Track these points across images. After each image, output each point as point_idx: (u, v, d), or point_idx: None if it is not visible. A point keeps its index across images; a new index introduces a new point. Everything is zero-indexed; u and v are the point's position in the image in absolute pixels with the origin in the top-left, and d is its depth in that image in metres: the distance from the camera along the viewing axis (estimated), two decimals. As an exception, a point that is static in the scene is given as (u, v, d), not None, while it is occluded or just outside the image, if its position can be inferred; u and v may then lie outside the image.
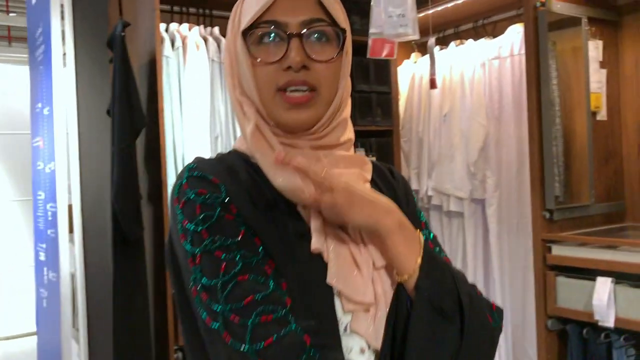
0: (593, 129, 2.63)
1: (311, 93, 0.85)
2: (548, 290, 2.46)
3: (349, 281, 0.82)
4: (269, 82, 0.85)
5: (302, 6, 0.85)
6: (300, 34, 0.84)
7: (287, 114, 0.85)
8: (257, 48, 0.86)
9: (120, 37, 1.96)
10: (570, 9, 2.53)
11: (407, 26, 1.38)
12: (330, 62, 0.86)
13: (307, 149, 0.88)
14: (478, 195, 2.89)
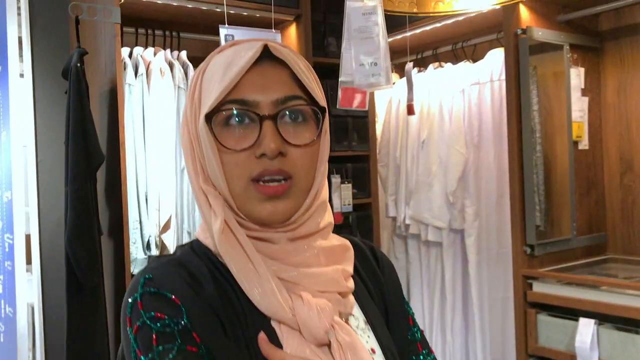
0: (575, 159, 2.56)
1: (287, 182, 0.75)
2: (529, 328, 2.37)
3: None
4: (241, 172, 0.74)
5: (275, 82, 0.75)
6: (274, 115, 0.74)
7: (262, 206, 0.75)
8: (224, 132, 0.75)
9: (76, 68, 1.82)
10: (552, 36, 2.45)
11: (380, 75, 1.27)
12: (309, 146, 0.76)
13: (283, 242, 0.77)
14: (457, 225, 2.79)
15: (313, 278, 0.76)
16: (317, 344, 0.73)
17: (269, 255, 0.76)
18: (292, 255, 0.77)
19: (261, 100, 0.74)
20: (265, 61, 0.76)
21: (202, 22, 2.56)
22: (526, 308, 2.38)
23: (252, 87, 0.74)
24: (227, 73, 0.74)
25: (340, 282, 0.78)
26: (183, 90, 2.36)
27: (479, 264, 2.77)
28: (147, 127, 2.26)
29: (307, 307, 0.73)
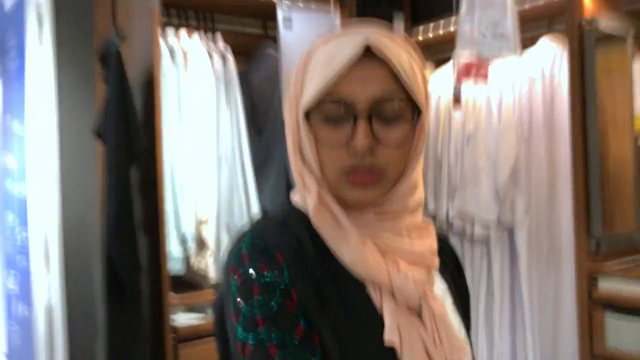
0: (637, 154, 2.42)
1: (375, 174, 0.79)
2: (594, 329, 2.22)
3: None
4: (333, 163, 0.79)
5: (373, 78, 0.77)
6: (368, 114, 0.77)
7: (351, 192, 0.79)
8: (321, 126, 0.79)
9: (117, 54, 1.65)
10: (617, 27, 2.31)
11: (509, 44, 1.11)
12: (400, 138, 0.79)
13: (372, 216, 0.81)
14: (507, 221, 2.64)
15: (406, 248, 0.80)
16: (409, 310, 0.79)
17: (361, 226, 0.80)
18: (381, 227, 0.81)
19: (358, 98, 0.77)
20: (366, 56, 0.77)
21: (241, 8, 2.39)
22: (591, 307, 2.23)
23: (349, 84, 0.77)
24: (326, 68, 0.77)
25: (430, 258, 0.83)
26: (221, 82, 2.19)
27: (529, 262, 2.62)
28: (183, 118, 2.09)
29: (403, 273, 0.78)
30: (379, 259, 0.78)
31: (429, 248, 0.83)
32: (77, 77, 2.37)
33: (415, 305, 0.79)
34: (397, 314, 0.77)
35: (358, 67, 0.77)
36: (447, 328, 0.81)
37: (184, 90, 2.08)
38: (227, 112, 2.19)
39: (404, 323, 0.77)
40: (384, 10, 2.75)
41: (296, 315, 0.73)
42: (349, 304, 0.77)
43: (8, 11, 2.67)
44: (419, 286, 0.78)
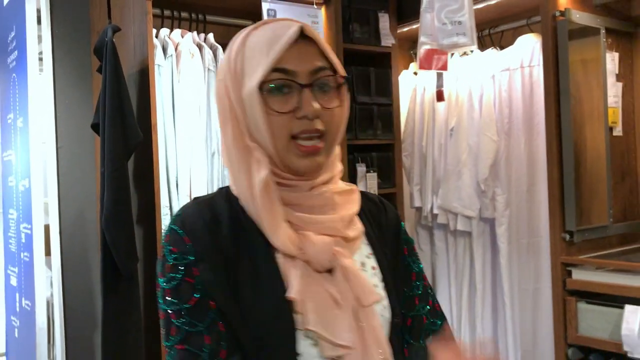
0: (610, 146, 2.50)
1: (321, 141, 0.90)
2: (568, 317, 2.30)
3: (331, 326, 0.88)
4: (284, 131, 0.88)
5: (309, 54, 0.90)
6: (310, 84, 0.89)
7: (300, 161, 0.90)
8: (270, 97, 0.88)
9: (111, 44, 1.74)
10: (589, 19, 2.40)
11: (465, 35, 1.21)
12: (337, 108, 0.92)
13: (305, 189, 0.92)
14: (487, 214, 2.74)
15: (317, 223, 0.92)
16: (323, 270, 0.90)
17: (289, 201, 0.91)
18: (308, 200, 0.92)
19: (299, 70, 0.89)
20: (299, 39, 0.90)
21: (230, 4, 2.48)
22: (565, 296, 2.32)
23: (291, 59, 0.88)
24: (271, 48, 0.88)
25: (341, 229, 0.93)
26: (213, 73, 2.28)
27: (509, 254, 2.72)
28: (176, 111, 2.18)
29: (310, 242, 0.89)
30: (290, 234, 0.89)
31: (341, 219, 0.94)
32: (75, 73, 2.46)
33: (327, 266, 0.90)
34: (306, 275, 0.89)
35: (295, 47, 0.89)
36: (357, 279, 0.91)
37: (176, 83, 2.17)
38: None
39: (311, 282, 0.89)
40: (369, 6, 2.82)
41: (192, 288, 0.87)
42: (258, 271, 0.89)
43: (8, 5, 2.75)
44: (326, 250, 0.90)
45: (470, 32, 1.25)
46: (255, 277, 0.89)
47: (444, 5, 1.21)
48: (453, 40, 1.24)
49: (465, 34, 1.23)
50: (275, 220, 0.89)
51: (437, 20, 1.23)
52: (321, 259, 0.90)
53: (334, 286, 0.90)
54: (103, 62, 1.78)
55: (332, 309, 0.89)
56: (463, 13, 1.21)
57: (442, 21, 1.22)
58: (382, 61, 2.91)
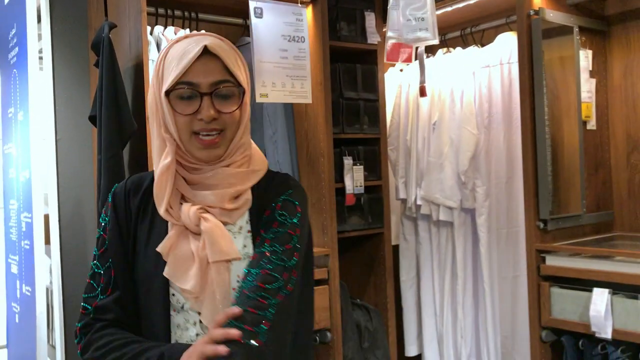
0: (583, 139, 2.63)
1: (219, 135, 1.14)
2: (542, 301, 2.43)
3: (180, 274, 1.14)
4: (187, 128, 1.13)
5: (212, 70, 1.13)
6: (210, 93, 1.12)
7: (201, 152, 1.15)
8: (177, 102, 1.13)
9: (108, 39, 1.86)
10: (563, 18, 2.52)
11: (427, 30, 1.33)
12: (233, 113, 1.15)
13: (207, 170, 1.17)
14: (468, 205, 2.86)
15: (203, 197, 1.16)
16: (196, 233, 1.15)
17: (192, 181, 1.17)
18: (206, 180, 1.17)
19: (202, 82, 1.12)
20: (206, 54, 1.12)
21: (220, 3, 2.60)
22: (540, 281, 2.44)
23: (196, 72, 1.12)
24: (180, 63, 1.11)
25: (221, 201, 1.16)
26: (204, 69, 2.40)
27: (489, 243, 2.84)
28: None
29: (183, 211, 1.15)
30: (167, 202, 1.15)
31: (224, 193, 1.16)
32: (73, 68, 2.57)
33: (195, 230, 1.15)
34: (178, 237, 1.16)
35: (201, 61, 1.11)
36: (212, 238, 1.13)
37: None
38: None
39: (182, 241, 1.16)
40: (355, 5, 2.94)
41: (103, 242, 1.21)
42: (152, 230, 1.19)
43: (9, 3, 2.86)
44: (193, 216, 1.14)
45: (432, 27, 1.37)
46: (149, 234, 1.19)
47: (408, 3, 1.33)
48: (417, 35, 1.36)
49: (427, 29, 1.35)
50: (164, 193, 1.15)
51: (402, 16, 1.34)
52: (188, 223, 1.15)
53: (197, 245, 1.14)
54: (100, 57, 1.90)
55: (187, 260, 1.14)
56: (425, 10, 1.33)
57: (407, 17, 1.34)
58: (368, 58, 3.03)
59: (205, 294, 1.14)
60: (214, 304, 1.13)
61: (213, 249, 1.14)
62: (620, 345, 2.22)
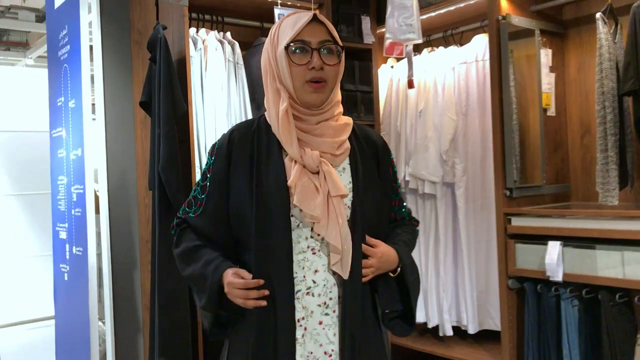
0: (544, 123, 3.16)
1: (324, 83, 1.43)
2: (508, 255, 2.95)
3: (309, 203, 1.39)
4: (300, 76, 1.42)
5: (319, 32, 1.43)
6: (318, 49, 1.42)
7: (310, 96, 1.43)
8: (293, 55, 1.42)
9: (164, 39, 2.36)
10: (526, 23, 3.05)
11: (414, 32, 1.84)
12: (334, 65, 1.45)
13: (313, 122, 1.45)
14: (448, 180, 3.38)
15: (317, 144, 1.44)
16: (314, 172, 1.42)
17: (301, 128, 1.43)
18: (313, 130, 1.44)
19: (312, 40, 1.42)
20: (314, 21, 1.43)
21: (242, 9, 3.11)
22: (506, 239, 2.96)
23: (307, 33, 1.41)
24: (295, 26, 1.41)
25: (332, 149, 1.45)
26: (231, 63, 2.91)
27: (466, 212, 3.36)
28: (205, 91, 2.80)
29: (308, 153, 1.42)
30: (297, 146, 1.41)
31: (334, 143, 1.45)
32: (119, 62, 3.07)
33: (315, 169, 1.42)
34: (301, 173, 1.41)
35: (310, 26, 1.42)
36: (332, 178, 1.42)
37: (204, 70, 2.79)
38: (235, 88, 2.91)
39: (304, 177, 1.41)
40: (353, 10, 3.46)
41: (206, 176, 1.51)
42: (274, 167, 1.43)
43: (58, 9, 3.35)
44: (315, 159, 1.42)
45: (417, 31, 1.87)
46: (268, 168, 1.43)
47: (400, 13, 1.82)
48: (407, 36, 1.85)
49: (414, 32, 1.85)
50: (291, 136, 1.42)
51: (396, 23, 1.83)
52: (311, 164, 1.42)
53: (317, 181, 1.42)
54: (157, 53, 2.40)
55: (312, 193, 1.41)
56: (413, 18, 1.82)
57: (400, 23, 1.83)
58: (365, 56, 3.55)
59: (329, 219, 1.40)
60: (337, 228, 1.40)
61: (334, 186, 1.41)
62: (569, 286, 2.75)
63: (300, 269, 1.43)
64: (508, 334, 2.99)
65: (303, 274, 1.43)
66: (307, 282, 1.43)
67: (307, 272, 1.43)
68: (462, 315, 3.41)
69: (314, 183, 1.41)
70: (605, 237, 2.60)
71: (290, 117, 1.42)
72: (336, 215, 1.41)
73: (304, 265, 1.43)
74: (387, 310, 1.54)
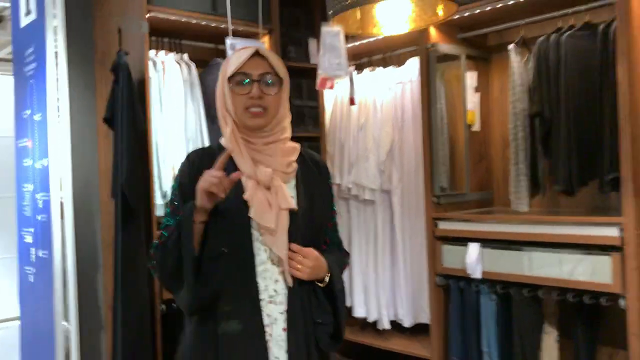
0: (470, 138, 3.55)
1: (263, 111, 1.56)
2: (436, 255, 3.32)
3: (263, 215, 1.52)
4: (241, 104, 1.56)
5: (260, 65, 1.57)
6: (258, 80, 1.56)
7: (250, 120, 1.56)
8: (236, 86, 1.56)
9: (126, 64, 2.65)
10: (453, 49, 3.44)
11: (342, 70, 2.19)
12: (274, 95, 1.58)
13: (260, 144, 1.58)
14: (386, 187, 3.74)
15: (269, 162, 1.57)
16: (266, 187, 1.54)
17: (252, 148, 1.56)
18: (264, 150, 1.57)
19: (253, 72, 1.55)
20: (256, 55, 1.58)
21: (197, 33, 3.41)
22: (434, 241, 3.34)
23: (249, 66, 1.55)
24: (238, 59, 1.56)
25: (283, 167, 1.59)
26: (187, 82, 3.20)
27: (402, 216, 3.73)
28: (163, 108, 3.09)
29: (261, 171, 1.55)
30: (251, 164, 1.54)
31: (284, 162, 1.58)
32: (83, 80, 3.32)
33: (268, 185, 1.55)
34: (256, 189, 1.53)
35: (252, 59, 1.55)
36: (283, 193, 1.55)
37: (163, 90, 3.08)
38: (192, 105, 3.21)
39: (258, 191, 1.53)
40: (301, 34, 3.79)
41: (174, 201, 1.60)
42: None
43: (24, 28, 3.58)
44: (268, 176, 1.54)
45: (345, 68, 2.21)
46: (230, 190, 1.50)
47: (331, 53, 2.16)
48: (336, 73, 2.19)
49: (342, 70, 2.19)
50: (242, 154, 1.56)
51: (327, 61, 2.17)
52: (264, 179, 1.55)
53: (270, 196, 1.54)
54: (120, 76, 2.68)
55: (266, 206, 1.53)
56: (341, 58, 2.16)
57: (330, 62, 2.17)
58: (311, 74, 3.83)
59: (278, 230, 1.52)
60: (283, 237, 1.53)
61: (284, 199, 1.54)
62: (488, 283, 3.13)
63: (262, 279, 1.55)
64: (436, 326, 3.36)
65: (265, 283, 1.55)
66: (269, 291, 1.56)
67: (269, 281, 1.56)
68: (398, 310, 3.77)
69: (267, 197, 1.53)
70: (517, 240, 2.99)
71: (237, 137, 1.56)
72: (283, 228, 1.54)
73: (265, 275, 1.55)
74: (319, 320, 1.62)
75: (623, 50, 2.59)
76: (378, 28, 2.20)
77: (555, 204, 3.33)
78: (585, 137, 2.89)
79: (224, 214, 1.51)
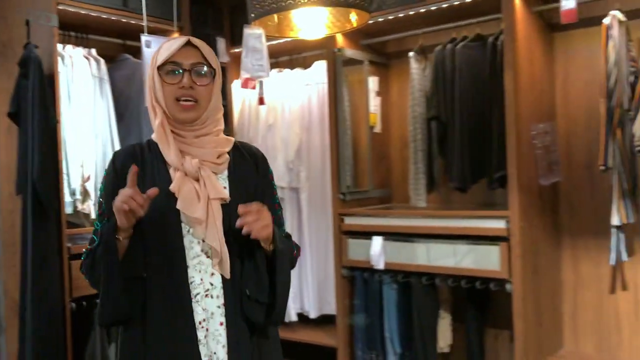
0: (372, 139, 3.77)
1: (194, 103, 1.49)
2: (342, 248, 3.51)
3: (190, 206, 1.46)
4: (171, 94, 1.49)
5: (192, 54, 1.51)
6: (189, 70, 1.49)
7: (180, 113, 1.49)
8: (166, 76, 1.50)
9: (37, 58, 2.59)
10: (357, 54, 3.65)
11: (264, 71, 2.30)
12: (205, 86, 1.51)
13: (191, 137, 1.51)
14: (294, 185, 3.89)
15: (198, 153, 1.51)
16: (195, 178, 1.48)
17: (181, 141, 1.50)
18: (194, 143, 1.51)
19: (184, 62, 1.49)
20: (188, 45, 1.51)
21: (105, 27, 3.38)
22: (341, 235, 3.52)
23: (180, 55, 1.49)
24: (169, 49, 1.49)
25: (213, 158, 1.52)
26: (97, 78, 3.17)
27: (309, 213, 3.89)
28: (71, 103, 3.04)
29: (188, 161, 1.49)
30: (179, 155, 1.48)
31: (214, 152, 1.51)
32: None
33: (195, 176, 1.49)
34: (183, 180, 1.46)
35: (184, 49, 1.49)
36: (212, 183, 1.49)
37: (72, 85, 3.03)
38: (101, 101, 3.18)
39: (186, 182, 1.47)
40: (209, 32, 3.85)
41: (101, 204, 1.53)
42: (159, 177, 1.49)
43: None
44: (195, 166, 1.48)
45: (266, 69, 2.33)
46: (154, 178, 1.49)
47: (253, 55, 2.26)
48: (258, 74, 2.30)
49: (264, 71, 2.30)
50: (169, 146, 1.49)
51: (250, 63, 2.27)
52: (191, 169, 1.48)
53: (198, 186, 1.48)
54: (30, 70, 2.62)
55: (194, 197, 1.47)
56: (263, 60, 2.27)
57: (253, 63, 2.27)
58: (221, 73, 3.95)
59: (207, 222, 1.46)
60: (215, 228, 1.46)
61: (213, 189, 1.48)
62: (390, 273, 3.36)
63: (196, 272, 1.49)
64: (342, 316, 3.55)
65: (200, 277, 1.49)
66: (204, 284, 1.49)
67: (204, 275, 1.50)
68: (304, 302, 3.93)
69: (195, 188, 1.48)
70: (416, 232, 3.24)
71: (167, 129, 1.50)
72: (214, 219, 1.47)
73: (199, 268, 1.49)
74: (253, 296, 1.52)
75: (509, 61, 2.90)
76: (295, 32, 2.33)
77: (450, 199, 3.63)
78: (476, 139, 3.19)
79: (152, 208, 1.43)
